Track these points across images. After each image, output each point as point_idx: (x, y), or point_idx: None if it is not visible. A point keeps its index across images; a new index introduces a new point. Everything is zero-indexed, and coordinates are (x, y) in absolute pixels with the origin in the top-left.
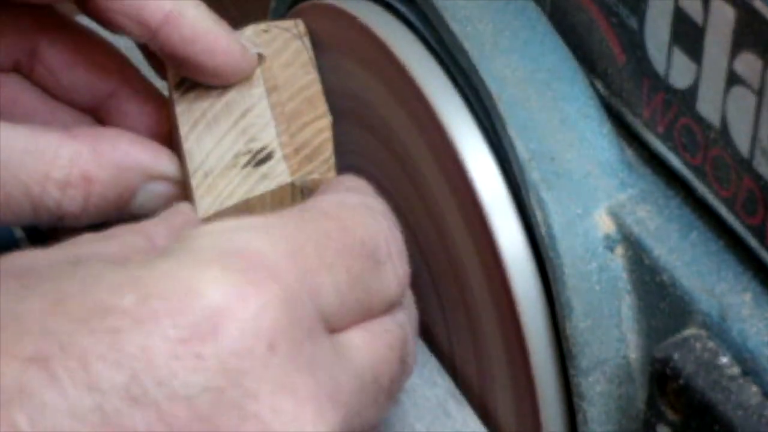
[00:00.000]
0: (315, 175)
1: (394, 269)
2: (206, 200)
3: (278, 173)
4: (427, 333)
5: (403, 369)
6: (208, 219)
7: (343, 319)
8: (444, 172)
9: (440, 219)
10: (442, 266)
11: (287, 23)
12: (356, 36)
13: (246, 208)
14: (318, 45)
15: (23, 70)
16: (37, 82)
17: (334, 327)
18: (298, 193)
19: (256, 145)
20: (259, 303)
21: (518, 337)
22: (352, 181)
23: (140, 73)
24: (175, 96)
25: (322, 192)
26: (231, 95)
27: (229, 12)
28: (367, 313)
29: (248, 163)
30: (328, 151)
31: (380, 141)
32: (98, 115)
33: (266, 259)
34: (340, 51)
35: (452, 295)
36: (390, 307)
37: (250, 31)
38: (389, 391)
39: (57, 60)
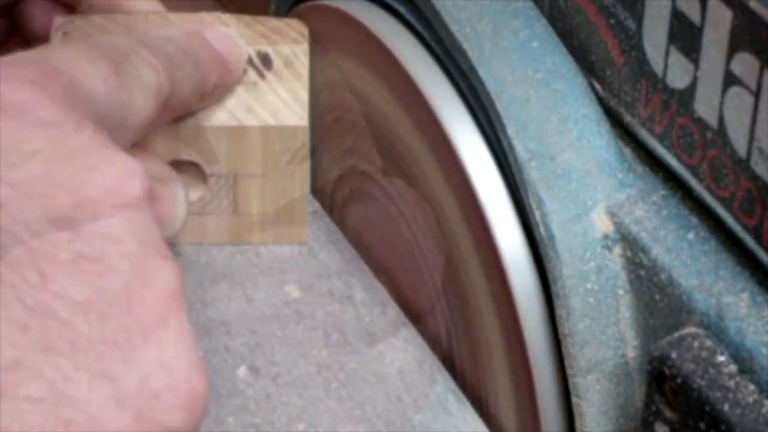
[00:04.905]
0: (303, 28)
1: None
2: (287, 116)
3: (292, 52)
4: (427, 331)
5: None
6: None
7: None
8: (443, 171)
9: (440, 219)
10: (442, 266)
11: None
12: (356, 37)
13: (306, 86)
14: (318, 46)
15: None
16: None
17: None
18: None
19: (246, 68)
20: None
21: (518, 336)
22: None
23: None
24: None
25: None
26: None
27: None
28: None
29: (261, 73)
30: (269, 19)
31: (380, 141)
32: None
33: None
34: (340, 52)
35: (452, 295)
36: None
37: None
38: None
39: None
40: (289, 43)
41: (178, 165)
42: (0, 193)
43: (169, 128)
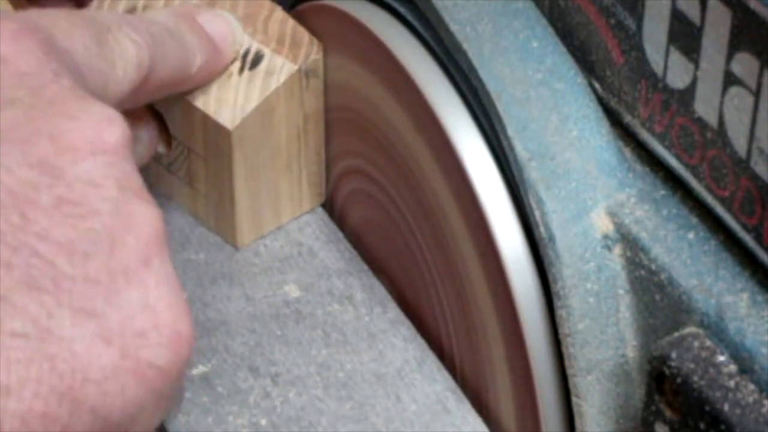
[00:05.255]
0: (314, 56)
1: None
2: (225, 113)
3: (280, 66)
4: (426, 331)
5: None
6: (239, 128)
7: None
8: (443, 171)
9: (440, 219)
10: (442, 266)
11: None
12: (357, 37)
13: (266, 106)
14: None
15: None
16: None
17: None
18: (304, 78)
19: (239, 51)
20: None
21: (518, 336)
22: None
23: None
24: None
25: None
26: None
27: None
28: None
29: (242, 68)
30: (305, 33)
31: (380, 141)
32: None
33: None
34: (340, 52)
35: (452, 295)
36: None
37: None
38: None
39: None
40: (288, 59)
41: (153, 114)
42: None
43: None
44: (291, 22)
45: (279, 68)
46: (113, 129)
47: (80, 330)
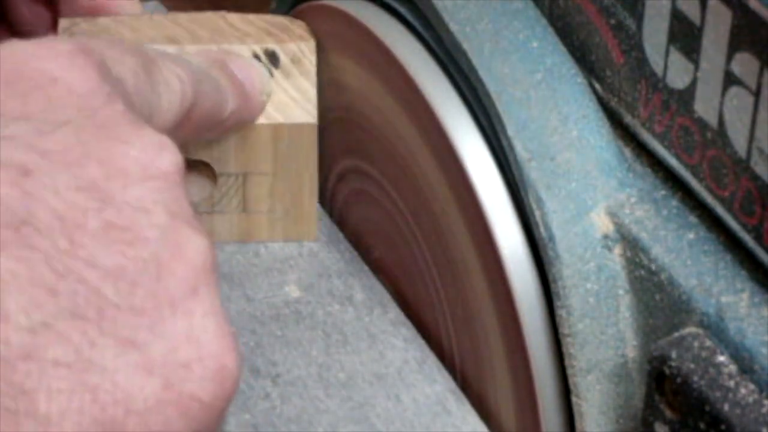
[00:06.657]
0: (306, 28)
1: None
2: (296, 113)
3: (299, 50)
4: (426, 331)
5: None
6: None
7: None
8: (443, 171)
9: (440, 219)
10: (442, 266)
11: None
12: (356, 37)
13: (314, 84)
14: (318, 45)
15: None
16: None
17: None
18: (319, 51)
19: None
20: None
21: (518, 336)
22: None
23: None
24: None
25: None
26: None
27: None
28: None
29: (269, 72)
30: (274, 17)
31: (380, 141)
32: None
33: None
34: (340, 51)
35: (452, 295)
36: None
37: None
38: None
39: None
40: (296, 41)
41: (187, 164)
42: (29, 161)
43: None
44: (249, 16)
45: (300, 52)
46: (165, 155)
47: (123, 360)
